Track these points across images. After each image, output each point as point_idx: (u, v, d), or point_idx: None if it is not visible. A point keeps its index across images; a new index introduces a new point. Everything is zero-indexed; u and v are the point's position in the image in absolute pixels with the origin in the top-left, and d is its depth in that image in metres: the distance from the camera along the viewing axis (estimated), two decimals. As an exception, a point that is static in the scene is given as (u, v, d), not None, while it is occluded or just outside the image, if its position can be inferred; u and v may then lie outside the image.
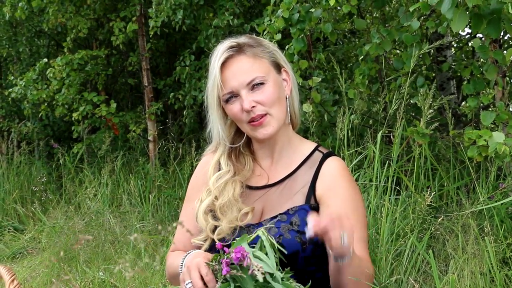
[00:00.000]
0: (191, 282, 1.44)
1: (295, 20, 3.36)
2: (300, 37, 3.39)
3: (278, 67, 1.72)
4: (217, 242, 1.53)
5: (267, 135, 1.68)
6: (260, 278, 1.32)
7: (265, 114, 1.66)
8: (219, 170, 1.76)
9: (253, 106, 1.65)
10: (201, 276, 1.44)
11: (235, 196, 1.69)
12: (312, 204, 1.66)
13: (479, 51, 2.87)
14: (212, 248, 1.66)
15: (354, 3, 3.13)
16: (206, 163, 1.84)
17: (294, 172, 1.73)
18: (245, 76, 1.65)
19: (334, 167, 1.71)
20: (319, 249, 1.63)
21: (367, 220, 1.75)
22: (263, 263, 1.34)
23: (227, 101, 1.68)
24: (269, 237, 1.43)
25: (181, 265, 1.61)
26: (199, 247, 1.71)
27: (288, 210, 1.66)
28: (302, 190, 1.68)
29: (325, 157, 1.73)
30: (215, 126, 1.75)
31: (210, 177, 1.75)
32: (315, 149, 1.76)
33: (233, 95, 1.66)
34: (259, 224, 1.66)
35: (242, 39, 1.71)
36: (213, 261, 1.44)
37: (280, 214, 1.66)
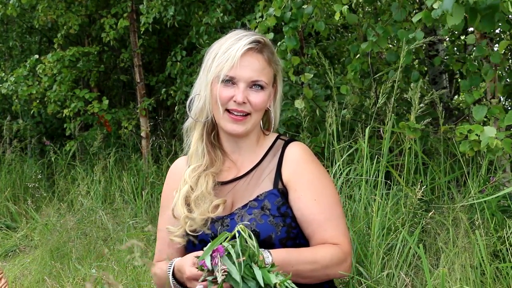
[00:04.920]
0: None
1: (288, 19, 3.35)
2: (292, 35, 3.39)
3: (274, 82, 1.80)
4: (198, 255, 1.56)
5: (237, 132, 1.75)
6: (219, 279, 1.36)
7: (248, 114, 1.73)
8: (197, 159, 1.81)
9: (244, 102, 1.71)
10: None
11: (208, 189, 1.75)
12: (280, 188, 1.73)
13: (478, 52, 2.87)
14: (184, 237, 1.73)
15: (345, 2, 3.12)
16: (176, 168, 1.90)
17: (259, 163, 1.80)
18: (253, 74, 1.71)
19: (296, 152, 1.78)
20: (294, 230, 1.70)
21: (338, 196, 1.81)
22: (231, 269, 1.36)
23: (223, 81, 1.71)
24: (248, 232, 1.44)
25: (168, 271, 1.68)
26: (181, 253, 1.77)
27: (258, 196, 1.72)
28: (269, 176, 1.76)
29: (286, 143, 1.81)
30: (202, 97, 1.77)
31: (190, 164, 1.81)
32: (277, 138, 1.85)
33: (232, 81, 1.71)
34: (231, 215, 1.72)
35: (266, 39, 1.77)
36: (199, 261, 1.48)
37: (250, 201, 1.72)
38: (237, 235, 1.42)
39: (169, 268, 1.69)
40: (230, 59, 1.68)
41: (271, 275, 1.39)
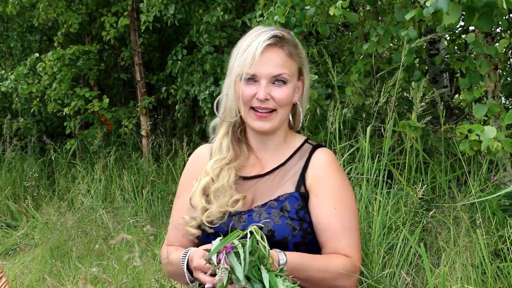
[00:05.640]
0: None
1: (293, 24, 3.35)
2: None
3: (299, 75, 1.77)
4: (207, 251, 1.55)
5: (264, 129, 1.73)
6: (224, 280, 1.34)
7: (273, 110, 1.71)
8: (221, 153, 1.80)
9: (267, 99, 1.69)
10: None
11: (229, 182, 1.73)
12: (302, 191, 1.71)
13: (473, 46, 2.88)
14: (200, 228, 1.71)
15: (346, 5, 3.12)
16: (198, 157, 1.88)
17: (285, 163, 1.78)
18: (275, 69, 1.69)
19: (323, 158, 1.76)
20: (309, 236, 1.69)
21: (357, 209, 1.79)
22: (236, 266, 1.35)
23: (245, 79, 1.70)
24: (261, 234, 1.43)
25: (182, 260, 1.67)
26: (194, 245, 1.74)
27: (278, 196, 1.70)
28: (292, 178, 1.74)
29: (314, 148, 1.79)
30: (229, 97, 1.77)
31: (213, 157, 1.79)
32: (305, 141, 1.82)
33: (254, 79, 1.70)
34: (249, 211, 1.70)
35: (285, 33, 1.74)
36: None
37: (270, 200, 1.70)
38: (249, 235, 1.41)
39: (184, 257, 1.67)
40: (250, 57, 1.67)
41: (278, 280, 1.37)
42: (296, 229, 1.65)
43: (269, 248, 1.42)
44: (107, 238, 4.20)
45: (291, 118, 1.80)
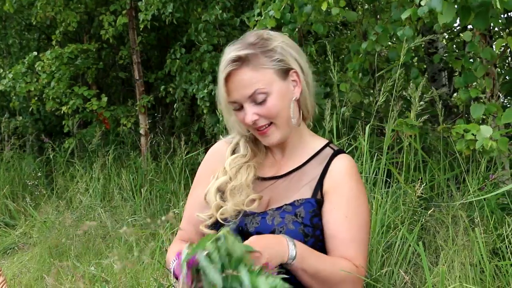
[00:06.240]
0: None
1: (287, 20, 3.35)
2: (290, 36, 3.39)
3: (285, 73, 1.67)
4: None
5: (271, 143, 1.69)
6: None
7: (270, 124, 1.66)
8: (237, 152, 1.77)
9: (256, 119, 1.65)
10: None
11: (247, 181, 1.70)
12: (318, 198, 1.67)
13: (469, 48, 2.88)
14: (215, 225, 1.68)
15: (342, 4, 3.12)
16: (217, 151, 1.85)
17: (302, 166, 1.73)
18: (246, 90, 1.62)
19: (343, 164, 1.71)
20: (320, 243, 1.66)
21: (369, 223, 1.73)
22: (209, 271, 1.32)
23: (234, 108, 1.68)
24: (234, 237, 1.40)
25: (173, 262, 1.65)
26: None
27: (294, 201, 1.67)
28: (310, 183, 1.69)
29: (335, 153, 1.73)
30: (229, 121, 1.76)
31: (227, 157, 1.76)
32: (326, 145, 1.77)
33: (238, 105, 1.66)
34: (263, 213, 1.67)
35: (245, 49, 1.63)
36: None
37: (286, 204, 1.67)
38: (222, 239, 1.37)
39: (171, 266, 1.67)
40: (223, 88, 1.65)
41: (261, 279, 1.34)
42: (309, 235, 1.62)
43: (244, 248, 1.38)
44: (106, 237, 4.20)
45: (302, 113, 1.74)
